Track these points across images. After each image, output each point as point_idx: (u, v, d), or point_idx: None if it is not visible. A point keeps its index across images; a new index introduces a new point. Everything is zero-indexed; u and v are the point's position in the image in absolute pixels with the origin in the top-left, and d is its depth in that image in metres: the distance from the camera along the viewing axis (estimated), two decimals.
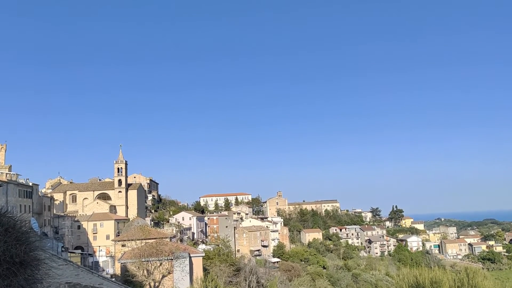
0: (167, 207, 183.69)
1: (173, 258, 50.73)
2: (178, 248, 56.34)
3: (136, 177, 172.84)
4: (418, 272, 25.73)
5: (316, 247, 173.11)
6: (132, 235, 66.18)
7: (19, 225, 8.59)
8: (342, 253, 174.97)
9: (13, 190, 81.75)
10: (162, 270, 50.30)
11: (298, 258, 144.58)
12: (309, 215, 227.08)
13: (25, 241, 8.14)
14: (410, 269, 27.77)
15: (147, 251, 51.07)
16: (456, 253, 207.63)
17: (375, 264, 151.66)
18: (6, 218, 8.47)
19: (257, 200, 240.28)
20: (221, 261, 78.56)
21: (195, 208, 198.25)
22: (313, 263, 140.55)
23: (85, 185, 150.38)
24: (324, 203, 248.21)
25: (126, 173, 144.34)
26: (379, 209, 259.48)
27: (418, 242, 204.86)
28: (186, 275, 50.65)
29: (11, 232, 8.04)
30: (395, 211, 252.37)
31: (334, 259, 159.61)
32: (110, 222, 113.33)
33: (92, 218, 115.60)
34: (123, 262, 52.54)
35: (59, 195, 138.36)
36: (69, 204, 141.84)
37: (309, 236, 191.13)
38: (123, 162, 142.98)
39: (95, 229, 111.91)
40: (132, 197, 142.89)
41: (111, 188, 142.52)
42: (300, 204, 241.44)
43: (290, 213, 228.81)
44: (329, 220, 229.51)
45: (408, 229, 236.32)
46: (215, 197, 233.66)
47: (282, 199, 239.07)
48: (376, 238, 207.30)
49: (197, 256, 57.89)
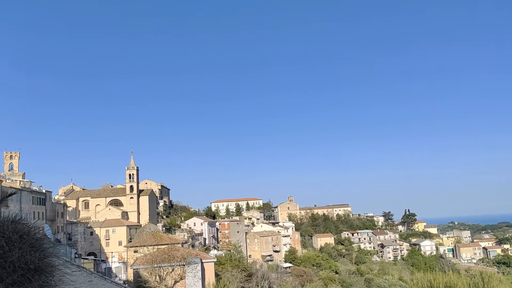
0: (179, 212, 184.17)
1: (185, 264, 50.77)
2: (190, 253, 56.38)
3: (147, 183, 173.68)
4: (432, 276, 25.45)
5: (328, 252, 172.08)
6: (144, 241, 66.46)
7: (33, 232, 8.68)
8: (354, 258, 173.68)
9: (27, 197, 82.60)
10: (174, 276, 50.38)
11: (310, 263, 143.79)
12: (320, 220, 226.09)
13: (39, 248, 8.22)
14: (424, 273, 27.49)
15: (159, 257, 51.20)
16: (471, 257, 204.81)
17: (388, 268, 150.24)
18: (21, 225, 8.57)
19: (268, 205, 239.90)
20: (233, 266, 78.44)
21: (206, 214, 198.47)
22: (325, 268, 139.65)
23: (98, 192, 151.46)
24: (335, 207, 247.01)
25: (137, 179, 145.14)
26: (391, 213, 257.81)
27: (431, 246, 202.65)
28: (198, 281, 50.64)
29: (26, 239, 8.14)
30: (407, 215, 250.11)
31: (346, 264, 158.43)
32: (122, 228, 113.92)
33: (104, 224, 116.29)
34: (136, 268, 52.72)
35: (72, 202, 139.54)
36: (82, 211, 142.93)
37: (321, 241, 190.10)
38: (134, 168, 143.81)
39: (107, 235, 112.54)
40: (143, 203, 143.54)
41: (123, 194, 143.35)
42: (312, 209, 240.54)
43: (301, 218, 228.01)
44: (341, 224, 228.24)
45: (421, 233, 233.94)
46: (226, 203, 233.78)
47: (293, 203, 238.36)
48: (388, 243, 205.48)
49: (209, 261, 57.86)
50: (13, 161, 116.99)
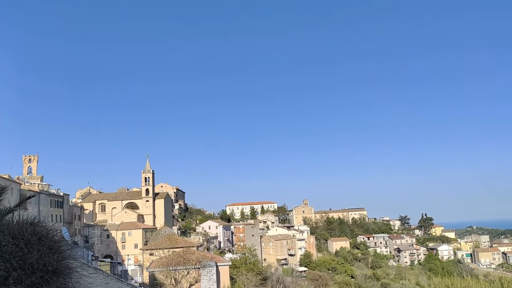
0: (194, 216, 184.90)
1: (200, 267, 50.93)
2: (205, 257, 56.55)
3: (163, 186, 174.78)
4: (450, 281, 25.09)
5: (344, 256, 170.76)
6: (160, 244, 66.95)
7: (51, 234, 8.81)
8: (370, 262, 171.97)
9: (45, 200, 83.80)
10: (189, 279, 50.57)
11: (326, 267, 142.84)
12: (335, 224, 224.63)
13: (57, 250, 8.33)
14: (441, 278, 27.14)
15: (175, 260, 51.48)
16: (490, 262, 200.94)
17: (405, 273, 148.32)
18: (39, 228, 8.70)
19: (283, 209, 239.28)
20: (248, 270, 78.41)
21: (221, 217, 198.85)
22: (341, 272, 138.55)
23: (114, 195, 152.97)
24: (351, 211, 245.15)
25: (153, 182, 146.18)
26: (407, 217, 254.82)
27: (449, 251, 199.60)
28: (213, 284, 50.72)
29: (44, 241, 8.26)
30: (424, 219, 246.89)
31: (362, 268, 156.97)
32: (138, 231, 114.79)
33: (120, 227, 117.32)
34: (151, 271, 53.07)
35: (88, 205, 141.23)
36: (99, 214, 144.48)
37: (336, 245, 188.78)
38: (150, 172, 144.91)
39: (123, 238, 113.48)
40: (159, 206, 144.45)
41: (139, 198, 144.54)
42: (327, 213, 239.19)
43: (316, 222, 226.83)
44: (356, 228, 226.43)
45: (438, 238, 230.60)
46: (241, 206, 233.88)
47: (308, 207, 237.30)
48: (405, 247, 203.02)
49: (224, 265, 57.93)
50: (32, 165, 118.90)
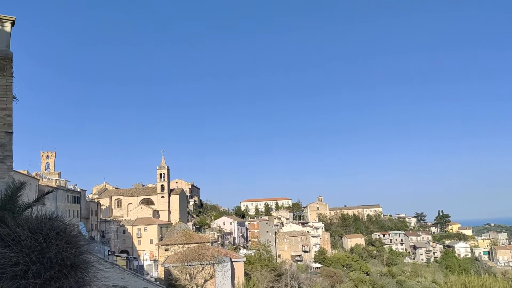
0: (208, 212, 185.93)
1: (215, 262, 51.20)
2: (220, 252, 56.83)
3: (178, 182, 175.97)
4: (467, 279, 24.77)
5: (359, 252, 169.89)
6: (175, 240, 67.40)
7: (69, 229, 8.95)
8: (385, 259, 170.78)
9: (63, 196, 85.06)
10: (204, 275, 50.88)
11: (340, 264, 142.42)
12: (350, 220, 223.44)
13: (75, 245, 8.47)
14: (458, 276, 26.80)
15: (190, 255, 51.81)
16: (508, 260, 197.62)
17: (421, 271, 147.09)
18: (57, 223, 8.85)
19: (297, 205, 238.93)
20: (262, 266, 78.47)
21: (235, 213, 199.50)
22: (356, 269, 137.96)
23: (130, 191, 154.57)
24: (366, 208, 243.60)
25: (168, 178, 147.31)
26: (424, 214, 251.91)
27: (466, 249, 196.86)
28: (228, 280, 50.96)
29: (62, 236, 8.39)
30: (441, 216, 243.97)
31: (377, 265, 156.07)
32: (154, 226, 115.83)
33: (136, 222, 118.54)
34: (167, 266, 53.55)
35: (105, 200, 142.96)
36: (115, 209, 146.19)
37: (351, 242, 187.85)
38: (165, 168, 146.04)
39: (139, 233, 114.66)
40: (174, 202, 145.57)
41: (154, 194, 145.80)
42: (341, 209, 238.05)
43: (331, 218, 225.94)
44: (372, 225, 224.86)
45: (455, 235, 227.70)
46: (255, 202, 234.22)
47: (323, 204, 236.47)
48: (421, 244, 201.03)
49: (238, 261, 58.14)
50: (49, 161, 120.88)
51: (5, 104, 12.59)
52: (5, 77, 12.75)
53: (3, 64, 12.79)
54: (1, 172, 12.04)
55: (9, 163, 12.34)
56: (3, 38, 13.10)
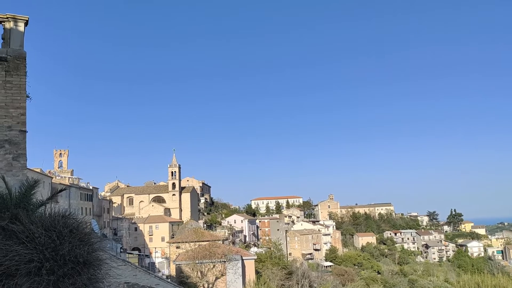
0: (219, 210, 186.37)
1: (225, 260, 51.36)
2: (231, 250, 56.96)
3: (189, 180, 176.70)
4: (480, 278, 24.48)
5: (370, 251, 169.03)
6: (186, 237, 67.80)
7: (82, 226, 9.04)
8: (397, 258, 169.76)
9: (75, 193, 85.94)
10: (215, 272, 51.06)
11: (351, 263, 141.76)
12: (362, 219, 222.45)
13: (88, 242, 8.55)
14: (471, 275, 26.49)
15: (201, 253, 52.03)
16: None
17: (433, 270, 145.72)
18: (71, 220, 8.94)
19: (308, 203, 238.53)
20: (273, 264, 78.57)
21: (246, 211, 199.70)
22: (367, 268, 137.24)
23: (141, 189, 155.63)
24: (377, 206, 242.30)
25: (179, 176, 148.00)
26: (436, 212, 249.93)
27: (479, 248, 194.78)
28: (239, 278, 51.10)
29: (75, 233, 8.48)
30: (453, 215, 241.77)
31: (389, 264, 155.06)
32: (165, 224, 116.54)
33: (148, 220, 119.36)
34: (178, 264, 53.83)
35: (117, 198, 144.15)
36: (127, 207, 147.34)
37: (363, 240, 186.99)
38: (176, 166, 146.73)
39: (151, 231, 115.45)
40: (185, 200, 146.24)
41: (166, 191, 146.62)
42: (353, 208, 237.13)
43: (342, 217, 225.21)
44: (383, 224, 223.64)
45: (468, 234, 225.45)
46: (266, 200, 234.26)
47: (334, 202, 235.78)
48: (433, 243, 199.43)
49: (249, 258, 58.25)
50: (62, 159, 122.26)
51: (19, 103, 12.75)
52: (19, 76, 12.91)
53: (17, 63, 12.94)
54: (15, 170, 12.20)
55: (23, 161, 12.50)
56: (17, 38, 13.26)
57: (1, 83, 12.69)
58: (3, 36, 13.24)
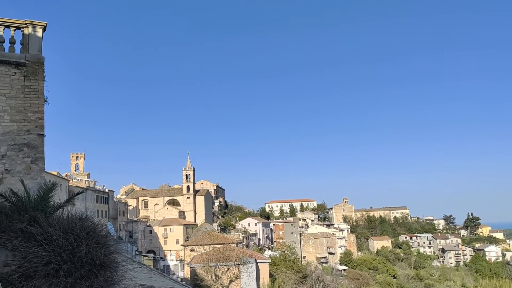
0: (233, 213, 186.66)
1: (240, 263, 51.36)
2: (245, 253, 56.96)
3: (203, 183, 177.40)
4: (498, 283, 24.09)
5: (385, 255, 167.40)
6: (200, 240, 67.95)
7: (98, 229, 9.17)
8: (413, 262, 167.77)
9: (92, 196, 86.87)
10: (229, 275, 51.09)
11: (366, 267, 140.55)
12: (377, 222, 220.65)
13: (104, 245, 8.66)
14: (489, 280, 26.07)
15: (215, 256, 52.11)
16: None
17: (450, 274, 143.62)
18: (87, 223, 9.07)
19: (322, 207, 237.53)
20: (287, 267, 78.22)
21: (260, 214, 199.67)
22: (382, 272, 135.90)
23: (156, 191, 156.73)
24: (392, 209, 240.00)
25: (194, 179, 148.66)
26: (452, 216, 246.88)
27: (497, 252, 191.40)
28: (253, 281, 51.05)
29: (92, 235, 8.60)
30: (470, 218, 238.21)
31: (404, 268, 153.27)
32: (180, 227, 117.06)
33: (162, 223, 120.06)
34: (192, 266, 54.01)
35: (132, 201, 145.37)
36: (142, 210, 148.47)
37: (378, 244, 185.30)
38: (191, 169, 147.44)
39: (165, 233, 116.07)
40: (199, 203, 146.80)
41: (180, 194, 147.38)
42: (367, 211, 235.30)
43: (356, 220, 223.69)
44: (398, 227, 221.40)
45: (485, 238, 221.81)
46: (280, 203, 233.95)
47: (348, 205, 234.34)
48: (450, 247, 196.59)
49: (263, 262, 58.17)
50: (79, 162, 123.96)
51: (37, 107, 12.98)
52: (37, 81, 13.15)
53: (35, 68, 13.19)
54: (34, 173, 12.41)
55: (41, 164, 12.71)
56: (35, 43, 13.52)
57: (20, 88, 12.95)
58: (22, 42, 13.52)
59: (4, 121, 12.60)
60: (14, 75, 12.97)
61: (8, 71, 12.92)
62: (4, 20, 13.28)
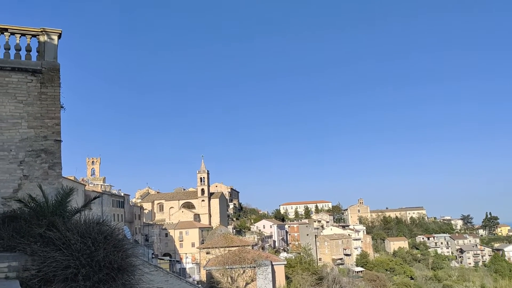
0: (248, 215, 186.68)
1: (255, 266, 51.31)
2: (260, 256, 56.89)
3: (218, 186, 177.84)
4: None
5: (402, 256, 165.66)
6: (216, 243, 68.16)
7: (115, 233, 9.26)
8: (430, 263, 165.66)
9: (108, 200, 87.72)
10: (245, 278, 51.07)
11: (383, 268, 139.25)
12: (393, 223, 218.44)
13: (121, 248, 8.74)
14: (509, 280, 25.64)
15: (231, 258, 52.17)
16: None
17: (469, 275, 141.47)
18: (105, 227, 9.17)
19: (337, 208, 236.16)
20: (303, 269, 77.89)
21: (275, 216, 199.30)
22: (400, 273, 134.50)
23: (171, 195, 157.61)
24: (409, 210, 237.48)
25: (208, 182, 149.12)
26: (470, 216, 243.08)
27: None
28: (269, 283, 50.93)
29: (109, 239, 8.68)
30: (489, 218, 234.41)
31: (422, 269, 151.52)
32: (195, 230, 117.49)
33: (178, 226, 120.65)
34: (208, 269, 54.14)
35: (147, 205, 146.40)
36: (157, 213, 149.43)
37: (394, 245, 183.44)
38: (205, 172, 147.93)
39: (181, 236, 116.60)
40: (214, 205, 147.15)
41: (195, 197, 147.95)
42: (383, 212, 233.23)
43: (372, 221, 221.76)
44: (415, 228, 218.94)
45: (504, 238, 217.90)
46: (295, 205, 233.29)
47: (364, 206, 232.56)
48: (468, 248, 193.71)
49: (279, 264, 58.02)
50: (95, 167, 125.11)
51: (53, 113, 13.18)
52: (53, 87, 13.36)
53: (51, 75, 13.40)
54: (51, 179, 12.59)
55: (58, 169, 12.89)
56: (51, 50, 13.74)
57: (37, 94, 13.16)
58: (38, 49, 13.76)
59: (21, 127, 12.83)
60: (31, 82, 13.21)
61: (25, 79, 13.16)
62: (20, 29, 13.54)
